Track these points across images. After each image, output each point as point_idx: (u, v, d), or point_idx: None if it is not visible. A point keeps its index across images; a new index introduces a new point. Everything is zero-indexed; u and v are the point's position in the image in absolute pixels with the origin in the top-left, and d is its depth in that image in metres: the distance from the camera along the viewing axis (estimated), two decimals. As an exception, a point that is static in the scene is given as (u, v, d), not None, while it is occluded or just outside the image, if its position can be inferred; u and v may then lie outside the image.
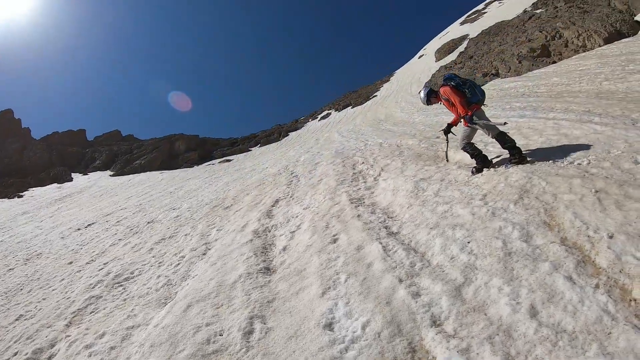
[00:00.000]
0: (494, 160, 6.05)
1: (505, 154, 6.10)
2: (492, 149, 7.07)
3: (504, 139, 5.49)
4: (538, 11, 30.70)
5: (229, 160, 37.39)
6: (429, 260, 3.91)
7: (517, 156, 5.43)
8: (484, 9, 58.73)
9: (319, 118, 52.98)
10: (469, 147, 5.87)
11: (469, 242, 3.86)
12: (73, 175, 40.99)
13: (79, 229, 12.94)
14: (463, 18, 63.02)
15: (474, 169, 5.82)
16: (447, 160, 6.95)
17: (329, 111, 54.05)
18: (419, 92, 6.41)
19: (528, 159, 5.54)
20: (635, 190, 3.75)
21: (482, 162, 5.75)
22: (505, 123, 5.48)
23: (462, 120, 5.70)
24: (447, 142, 6.88)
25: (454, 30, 57.42)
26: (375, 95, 47.07)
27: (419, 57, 58.82)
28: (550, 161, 5.30)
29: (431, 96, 6.18)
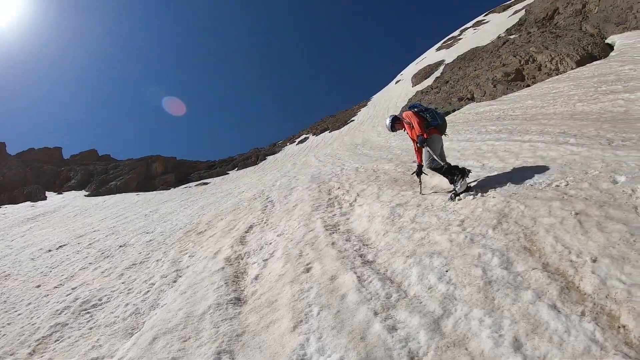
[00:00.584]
0: (472, 184, 6.03)
1: (484, 177, 6.28)
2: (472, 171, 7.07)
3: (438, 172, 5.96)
4: (512, 37, 31.90)
5: (205, 184, 37.53)
6: (405, 290, 3.76)
7: (458, 174, 5.74)
8: (459, 35, 60.74)
9: (296, 142, 53.74)
10: (440, 167, 5.95)
11: (447, 271, 3.74)
12: (47, 194, 39.93)
13: (50, 250, 12.61)
14: (439, 44, 64.93)
15: (452, 195, 5.80)
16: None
17: (307, 135, 54.88)
18: (385, 120, 6.78)
19: (470, 173, 5.84)
20: (615, 210, 3.71)
21: (461, 173, 5.84)
22: (448, 164, 5.90)
23: (417, 140, 5.99)
24: (420, 184, 6.86)
25: (430, 55, 59.05)
26: (353, 120, 47.81)
27: (396, 82, 60.08)
28: (528, 184, 5.30)
29: (395, 122, 6.54)
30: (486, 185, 5.78)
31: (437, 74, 40.50)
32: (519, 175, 5.89)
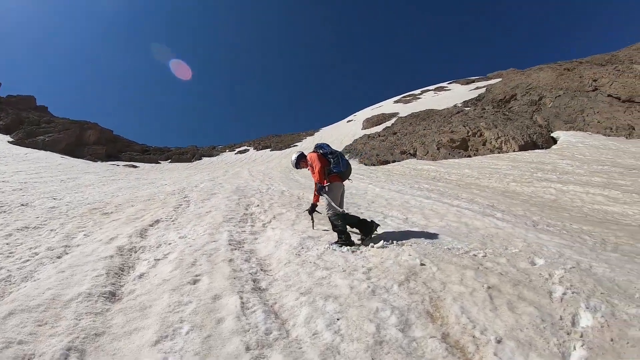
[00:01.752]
0: (389, 234, 5.81)
1: (404, 230, 6.19)
2: (391, 222, 6.92)
3: (335, 223, 5.71)
4: (467, 109, 33.68)
5: (134, 167, 37.04)
6: (288, 330, 3.30)
7: (343, 239, 5.57)
8: (419, 94, 63.59)
9: (236, 151, 54.17)
10: (337, 219, 5.72)
11: (338, 319, 3.32)
12: (-31, 128, 37.49)
13: (-55, 189, 11.49)
14: (398, 97, 67.38)
15: (334, 243, 5.67)
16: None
17: (248, 148, 55.42)
18: (292, 155, 6.54)
19: (356, 245, 5.50)
20: (529, 292, 3.57)
21: (346, 240, 5.64)
22: (343, 211, 5.72)
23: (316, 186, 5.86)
24: (313, 221, 6.75)
25: (387, 105, 61.07)
26: (296, 145, 48.50)
27: (348, 121, 61.32)
28: (446, 247, 5.17)
29: (301, 160, 6.32)
30: (404, 238, 5.59)
31: (388, 123, 41.75)
32: (439, 236, 5.80)
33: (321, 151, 5.93)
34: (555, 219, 7.28)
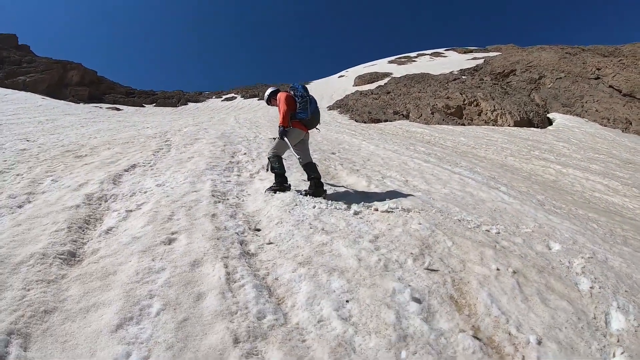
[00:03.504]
0: (389, 201, 5.32)
1: (406, 193, 5.71)
2: (390, 184, 6.46)
3: (311, 170, 5.55)
4: (464, 77, 32.91)
5: (117, 109, 35.82)
6: (286, 314, 2.66)
7: (312, 188, 5.44)
8: (415, 57, 62.39)
9: (223, 98, 53.10)
10: (275, 160, 5.55)
11: (348, 302, 2.75)
12: (-53, 66, 35.98)
13: None
14: (392, 58, 66.06)
15: (268, 189, 5.57)
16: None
17: (235, 95, 54.25)
18: (267, 90, 6.11)
19: (327, 196, 5.43)
20: (557, 282, 3.17)
21: (279, 184, 5.51)
22: (299, 158, 5.57)
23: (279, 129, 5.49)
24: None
25: (381, 65, 59.92)
26: (286, 95, 47.74)
27: (339, 77, 60.08)
28: (456, 218, 4.72)
29: (272, 97, 5.93)
30: (408, 204, 5.06)
31: (381, 82, 40.88)
32: (446, 205, 5.35)
33: (292, 92, 5.60)
34: (559, 201, 6.93)
